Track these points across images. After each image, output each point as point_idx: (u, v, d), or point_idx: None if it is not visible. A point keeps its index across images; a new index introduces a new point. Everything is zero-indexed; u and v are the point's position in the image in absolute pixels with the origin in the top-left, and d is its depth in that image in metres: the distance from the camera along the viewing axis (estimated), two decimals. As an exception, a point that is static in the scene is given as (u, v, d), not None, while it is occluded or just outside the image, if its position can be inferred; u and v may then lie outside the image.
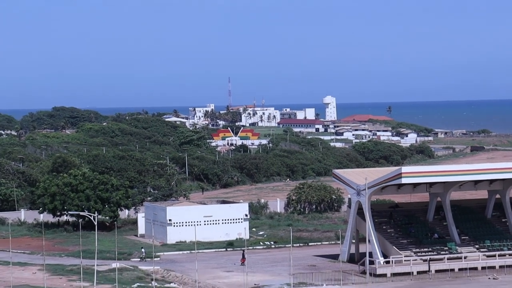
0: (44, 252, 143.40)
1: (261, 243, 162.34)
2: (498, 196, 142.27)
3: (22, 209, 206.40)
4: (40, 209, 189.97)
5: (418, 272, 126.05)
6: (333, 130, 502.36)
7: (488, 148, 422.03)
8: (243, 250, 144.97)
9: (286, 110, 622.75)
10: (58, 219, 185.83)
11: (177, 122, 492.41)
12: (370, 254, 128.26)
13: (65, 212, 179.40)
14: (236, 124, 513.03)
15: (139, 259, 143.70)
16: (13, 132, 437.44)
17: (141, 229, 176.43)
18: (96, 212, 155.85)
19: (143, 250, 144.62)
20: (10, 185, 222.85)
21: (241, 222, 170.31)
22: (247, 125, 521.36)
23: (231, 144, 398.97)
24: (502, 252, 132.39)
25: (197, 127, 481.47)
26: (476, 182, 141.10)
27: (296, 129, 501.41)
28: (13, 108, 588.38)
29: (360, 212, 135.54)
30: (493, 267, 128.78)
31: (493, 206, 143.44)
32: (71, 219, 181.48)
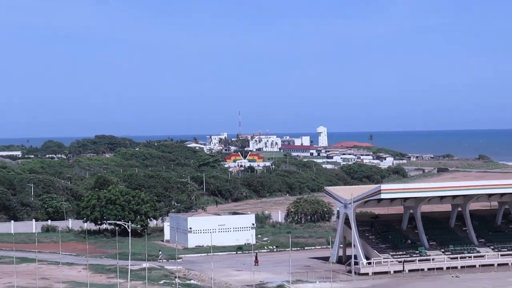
0: (87, 254, 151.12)
1: (265, 247, 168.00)
2: (459, 209, 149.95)
3: (69, 219, 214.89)
4: (84, 218, 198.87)
5: (395, 272, 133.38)
6: (324, 154, 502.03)
7: (451, 169, 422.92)
8: (256, 253, 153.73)
9: (286, 137, 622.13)
10: (99, 227, 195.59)
11: (196, 148, 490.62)
12: (355, 257, 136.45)
13: (104, 221, 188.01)
14: (245, 149, 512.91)
15: (158, 260, 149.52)
16: (63, 156, 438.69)
17: (167, 235, 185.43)
18: (129, 221, 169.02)
19: (160, 252, 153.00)
20: (60, 199, 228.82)
21: (249, 230, 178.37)
22: (254, 150, 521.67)
23: (241, 166, 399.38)
24: (463, 255, 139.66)
25: (212, 152, 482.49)
26: (442, 197, 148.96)
27: (294, 154, 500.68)
28: (62, 136, 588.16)
29: (346, 222, 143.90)
30: (456, 267, 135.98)
31: (455, 217, 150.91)
32: (109, 227, 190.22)
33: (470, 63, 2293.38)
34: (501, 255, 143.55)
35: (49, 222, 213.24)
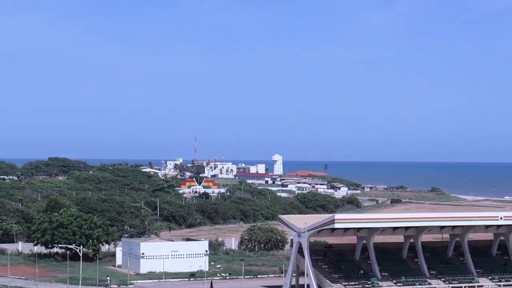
0: (37, 278, 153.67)
1: (218, 275, 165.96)
2: (412, 240, 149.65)
3: (19, 242, 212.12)
4: (35, 241, 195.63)
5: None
6: (279, 183, 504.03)
7: (404, 201, 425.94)
8: (211, 280, 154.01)
9: (241, 165, 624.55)
10: (50, 251, 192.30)
11: (151, 172, 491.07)
12: (308, 286, 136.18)
13: (55, 244, 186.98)
14: (200, 175, 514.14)
15: (105, 287, 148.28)
16: (15, 177, 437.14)
17: (119, 260, 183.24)
18: (81, 246, 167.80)
19: (108, 278, 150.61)
20: (10, 221, 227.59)
21: (202, 256, 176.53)
22: (209, 176, 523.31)
23: (195, 192, 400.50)
24: (414, 287, 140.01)
25: (167, 177, 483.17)
26: (395, 228, 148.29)
27: (249, 181, 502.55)
28: (14, 157, 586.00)
29: (300, 250, 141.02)
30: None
31: (408, 249, 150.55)
32: (60, 251, 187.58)
33: (424, 96, 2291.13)
34: (452, 287, 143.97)
35: (0, 245, 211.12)
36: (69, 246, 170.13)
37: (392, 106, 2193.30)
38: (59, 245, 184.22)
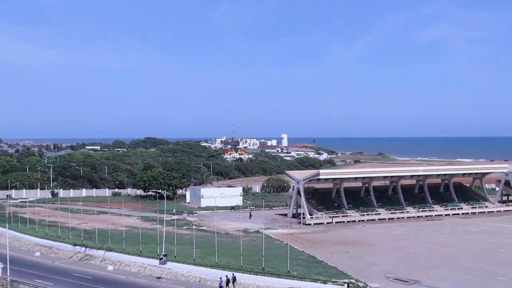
0: (139, 209, 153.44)
1: (248, 208, 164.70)
2: (366, 185, 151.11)
3: (128, 188, 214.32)
4: (137, 188, 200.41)
5: (327, 223, 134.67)
6: (285, 151, 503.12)
7: (362, 161, 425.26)
8: (251, 210, 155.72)
9: (262, 140, 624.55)
10: (146, 193, 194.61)
11: (206, 145, 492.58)
12: (303, 214, 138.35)
13: (150, 189, 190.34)
14: (236, 147, 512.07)
15: (173, 214, 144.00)
16: (125, 150, 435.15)
17: (188, 199, 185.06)
18: (165, 190, 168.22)
19: (174, 210, 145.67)
20: (123, 175, 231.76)
21: (238, 196, 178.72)
22: (242, 147, 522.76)
23: (234, 157, 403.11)
24: (368, 213, 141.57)
25: (216, 148, 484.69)
26: (356, 178, 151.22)
27: (267, 150, 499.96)
28: (124, 136, 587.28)
29: (298, 192, 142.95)
30: (363, 220, 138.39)
31: (364, 190, 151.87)
32: (152, 193, 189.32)
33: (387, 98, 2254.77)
34: (390, 213, 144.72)
35: (116, 190, 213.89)
36: (157, 191, 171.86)
37: (363, 105, 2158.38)
38: (152, 190, 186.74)
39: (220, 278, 78.85)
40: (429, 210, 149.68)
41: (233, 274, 79.89)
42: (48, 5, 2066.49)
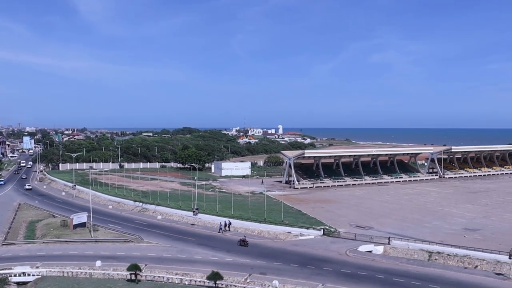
0: (179, 177, 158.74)
1: (254, 177, 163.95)
2: (337, 161, 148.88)
3: (171, 162, 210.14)
4: (178, 162, 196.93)
5: (309, 187, 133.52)
6: (281, 137, 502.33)
7: (334, 144, 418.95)
8: (262, 178, 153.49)
9: (264, 129, 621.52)
10: (184, 166, 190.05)
11: (226, 133, 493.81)
12: (293, 181, 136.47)
13: (186, 163, 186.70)
14: (247, 134, 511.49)
15: (194, 180, 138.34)
16: (169, 135, 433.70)
17: (213, 170, 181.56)
18: (197, 164, 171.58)
19: (196, 178, 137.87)
20: (168, 153, 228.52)
21: (248, 168, 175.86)
22: (251, 134, 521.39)
23: (245, 141, 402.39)
24: (338, 181, 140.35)
25: (232, 135, 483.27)
26: (330, 156, 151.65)
27: (268, 136, 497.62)
28: (168, 126, 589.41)
29: (289, 166, 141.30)
30: (334, 185, 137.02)
31: (335, 164, 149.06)
32: (188, 166, 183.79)
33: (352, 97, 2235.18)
34: (353, 180, 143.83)
35: (163, 163, 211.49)
36: (192, 164, 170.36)
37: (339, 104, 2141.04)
38: (188, 164, 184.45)
39: (220, 223, 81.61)
40: (380, 179, 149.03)
41: (228, 220, 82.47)
42: (117, 37, 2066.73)
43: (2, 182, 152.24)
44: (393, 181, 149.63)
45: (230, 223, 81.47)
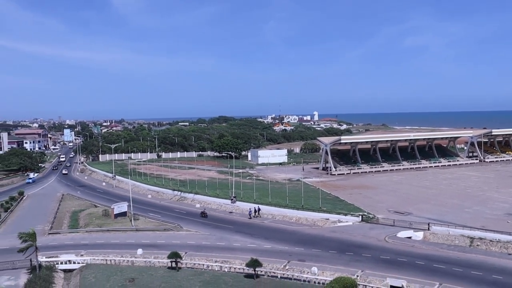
0: (216, 166, 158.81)
1: (291, 164, 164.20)
2: (374, 146, 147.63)
3: (208, 151, 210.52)
4: (214, 151, 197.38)
5: (346, 173, 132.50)
6: (317, 124, 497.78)
7: (371, 130, 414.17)
8: (303, 165, 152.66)
9: (300, 116, 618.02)
10: (221, 154, 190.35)
11: (261, 120, 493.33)
12: (329, 167, 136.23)
13: (223, 152, 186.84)
14: (282, 121, 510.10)
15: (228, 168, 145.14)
16: (205, 124, 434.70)
17: (249, 158, 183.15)
18: (233, 152, 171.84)
19: (229, 165, 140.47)
20: (204, 142, 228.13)
21: (284, 156, 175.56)
22: (286, 121, 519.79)
23: (280, 128, 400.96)
24: (376, 166, 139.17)
25: (268, 122, 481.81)
26: (367, 142, 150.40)
27: (304, 123, 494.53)
28: (203, 116, 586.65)
29: (326, 152, 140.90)
30: (372, 171, 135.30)
31: (372, 150, 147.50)
32: (225, 154, 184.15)
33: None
34: (391, 166, 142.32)
35: (200, 152, 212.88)
36: (228, 152, 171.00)
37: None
38: (224, 152, 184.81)
39: (249, 209, 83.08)
40: (418, 164, 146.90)
41: (258, 206, 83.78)
42: (150, 28, 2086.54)
43: (30, 180, 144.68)
44: (431, 166, 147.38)
45: (259, 209, 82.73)
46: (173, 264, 55.83)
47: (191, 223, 78.17)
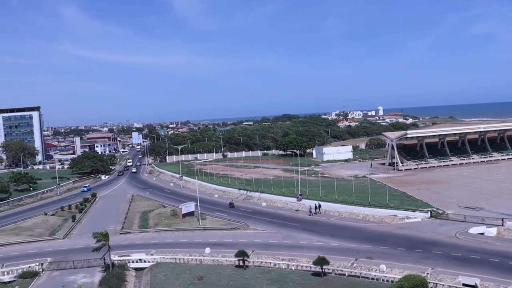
0: (281, 164, 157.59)
1: (356, 160, 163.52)
2: (442, 140, 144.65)
3: (272, 149, 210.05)
4: (279, 149, 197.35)
5: (414, 168, 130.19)
6: (382, 119, 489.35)
7: (438, 123, 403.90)
8: (371, 162, 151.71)
9: (364, 111, 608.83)
10: (286, 153, 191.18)
11: (325, 117, 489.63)
12: (396, 163, 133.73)
13: (287, 150, 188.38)
14: (347, 117, 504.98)
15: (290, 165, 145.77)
16: (269, 123, 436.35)
17: (314, 155, 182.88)
18: (297, 150, 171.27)
19: (291, 163, 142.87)
20: (268, 141, 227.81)
21: (349, 152, 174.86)
22: (351, 117, 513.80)
23: (345, 125, 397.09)
24: (444, 161, 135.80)
25: (332, 119, 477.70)
26: (434, 135, 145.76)
27: (368, 118, 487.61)
28: (267, 114, 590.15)
29: (392, 147, 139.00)
30: (440, 166, 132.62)
31: (440, 144, 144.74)
32: (289, 152, 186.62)
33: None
34: (460, 159, 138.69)
35: (264, 151, 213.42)
36: (293, 150, 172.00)
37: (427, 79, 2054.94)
38: (289, 150, 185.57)
39: (310, 205, 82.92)
40: (489, 156, 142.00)
41: (318, 202, 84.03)
42: (211, 30, 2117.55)
43: (84, 189, 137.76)
44: (504, 159, 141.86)
45: (320, 206, 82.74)
46: (241, 263, 56.02)
47: (257, 221, 78.45)
